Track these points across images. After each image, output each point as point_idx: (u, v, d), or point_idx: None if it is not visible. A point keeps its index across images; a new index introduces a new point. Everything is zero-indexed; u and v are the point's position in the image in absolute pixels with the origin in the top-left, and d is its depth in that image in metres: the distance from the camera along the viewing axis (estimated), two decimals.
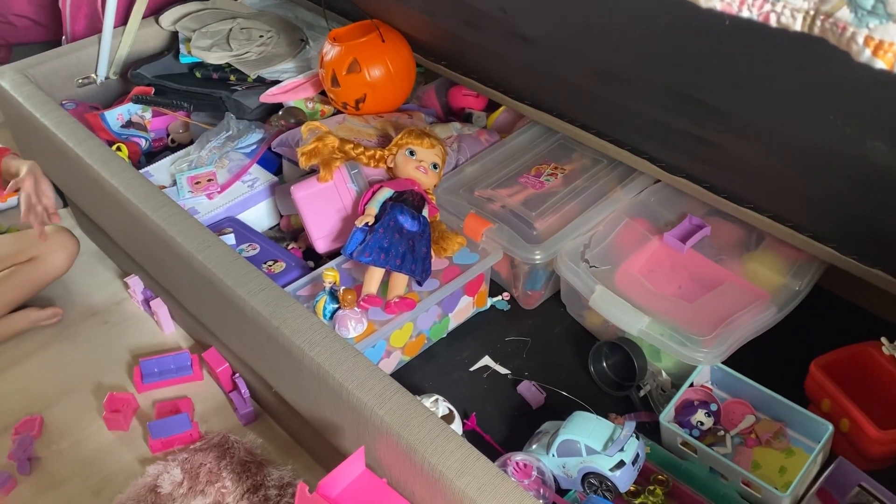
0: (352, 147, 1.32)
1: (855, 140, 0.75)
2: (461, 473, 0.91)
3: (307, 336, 1.08)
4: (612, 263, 1.28)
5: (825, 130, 0.77)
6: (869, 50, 0.64)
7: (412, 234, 1.24)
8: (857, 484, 1.06)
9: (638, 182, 1.41)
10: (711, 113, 0.91)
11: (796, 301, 1.21)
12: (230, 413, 1.46)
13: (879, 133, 0.72)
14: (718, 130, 0.96)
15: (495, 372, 1.31)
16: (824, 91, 0.73)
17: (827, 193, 0.94)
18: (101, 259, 1.82)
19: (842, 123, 0.74)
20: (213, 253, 1.21)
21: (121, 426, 1.43)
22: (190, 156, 1.53)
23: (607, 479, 1.01)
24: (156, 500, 1.30)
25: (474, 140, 1.52)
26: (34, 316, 1.60)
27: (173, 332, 1.62)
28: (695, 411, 1.13)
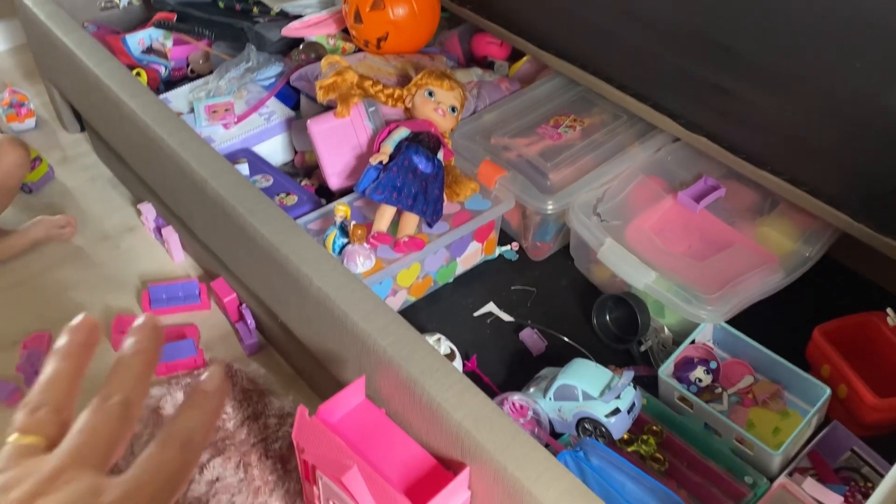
0: (370, 84, 1.31)
1: (881, 88, 0.74)
2: (459, 406, 0.92)
3: (315, 266, 1.09)
4: (623, 219, 1.28)
5: (852, 78, 0.76)
6: None
7: (426, 175, 1.24)
8: (850, 448, 1.07)
9: (656, 140, 1.40)
10: (738, 60, 0.90)
11: (805, 267, 1.21)
12: (235, 343, 1.48)
13: None
14: (743, 79, 0.94)
15: (498, 318, 1.32)
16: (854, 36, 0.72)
17: (847, 151, 0.93)
18: (116, 185, 1.83)
19: (868, 70, 0.73)
20: (227, 180, 1.21)
21: None
22: (208, 85, 1.52)
23: (602, 425, 1.02)
24: (158, 421, 1.33)
25: (495, 87, 1.51)
26: (48, 223, 1.61)
27: (183, 261, 1.63)
28: (694, 368, 1.14)
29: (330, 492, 0.96)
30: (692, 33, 0.94)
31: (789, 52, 0.83)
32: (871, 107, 0.80)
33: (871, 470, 1.05)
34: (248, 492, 1.23)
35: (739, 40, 0.88)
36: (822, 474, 1.05)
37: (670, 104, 1.21)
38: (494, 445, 0.88)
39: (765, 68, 0.89)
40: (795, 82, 0.87)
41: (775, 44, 0.83)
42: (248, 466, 1.26)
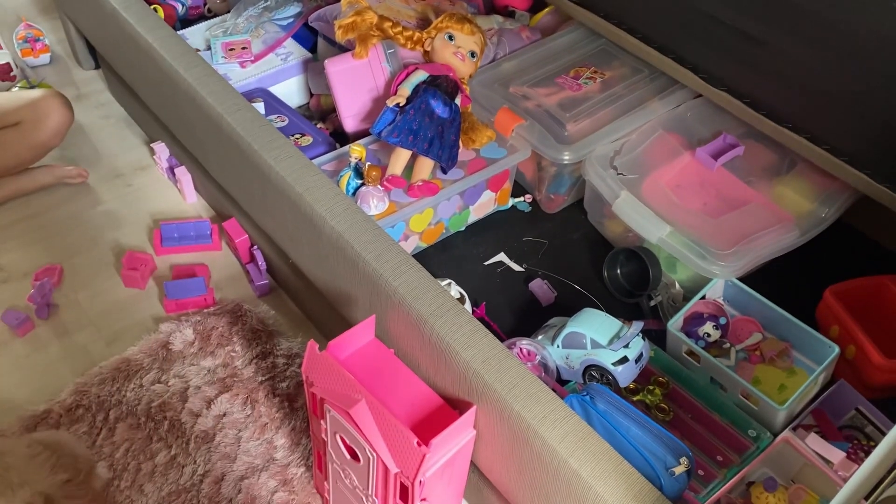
0: (390, 25, 1.29)
1: None
2: (467, 346, 0.93)
3: (329, 206, 1.08)
4: (640, 173, 1.27)
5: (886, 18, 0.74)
6: None
7: (442, 120, 1.23)
8: (855, 407, 1.07)
9: (676, 96, 1.38)
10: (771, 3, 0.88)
11: (820, 227, 1.20)
12: (245, 284, 1.49)
13: None
14: (771, 24, 0.92)
15: (509, 268, 1.31)
16: None
17: (872, 105, 0.91)
18: (130, 124, 1.82)
19: None
20: (243, 117, 1.21)
21: (137, 284, 1.46)
22: (226, 22, 1.51)
23: (608, 373, 1.02)
24: (167, 356, 1.35)
25: (515, 35, 1.49)
26: (58, 172, 1.62)
27: (195, 202, 1.63)
28: (703, 323, 1.14)
29: (337, 425, 0.97)
30: None
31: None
32: None
33: (874, 429, 1.06)
34: (255, 427, 1.24)
35: None
36: (825, 431, 1.05)
37: (693, 57, 1.19)
38: (501, 385, 0.89)
39: (798, 9, 0.86)
40: (826, 24, 0.85)
41: None
42: (255, 403, 1.28)
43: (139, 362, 1.33)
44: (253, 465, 1.20)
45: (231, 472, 1.19)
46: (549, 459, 0.85)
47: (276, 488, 1.17)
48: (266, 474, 1.19)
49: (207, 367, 1.33)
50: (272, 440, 1.23)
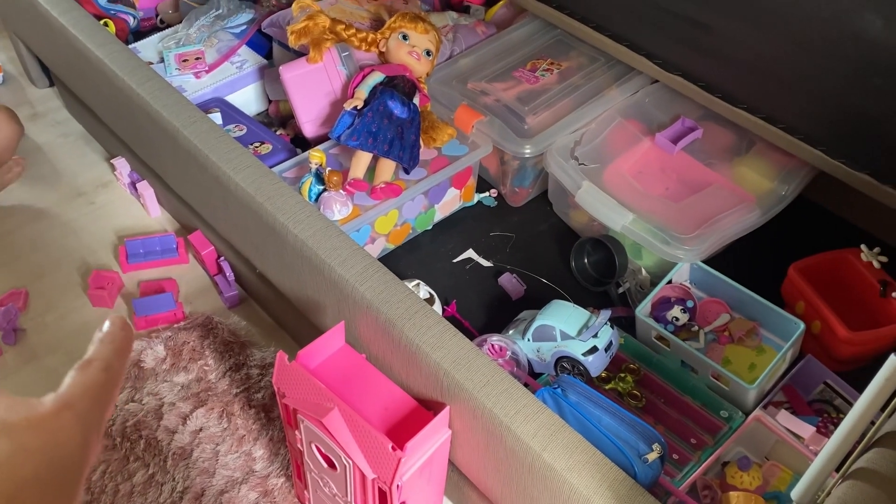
0: (343, 28, 1.28)
1: (852, 12, 0.73)
2: (437, 347, 0.93)
3: (291, 214, 1.08)
4: (601, 162, 1.28)
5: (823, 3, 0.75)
6: None
7: (401, 120, 1.23)
8: (823, 381, 1.09)
9: (634, 82, 1.38)
10: None
11: (781, 206, 1.22)
12: (215, 296, 1.47)
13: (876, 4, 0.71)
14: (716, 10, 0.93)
15: (478, 264, 1.32)
16: None
17: (821, 83, 0.93)
18: (89, 141, 1.79)
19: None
20: (199, 129, 1.19)
21: (105, 303, 1.44)
22: (178, 33, 1.49)
23: (579, 364, 1.03)
24: (139, 374, 1.33)
25: (470, 31, 1.48)
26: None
27: (159, 215, 1.61)
28: (671, 307, 1.15)
29: (312, 435, 0.96)
30: None
31: None
32: (845, 32, 0.79)
33: (843, 402, 1.08)
34: (233, 440, 1.24)
35: None
36: (795, 407, 1.07)
37: (647, 44, 1.19)
38: (473, 384, 0.89)
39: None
40: (770, 11, 0.86)
41: None
42: (231, 416, 1.27)
43: None
44: (232, 479, 1.19)
45: (211, 486, 1.18)
46: (524, 455, 0.85)
47: (257, 500, 1.17)
48: (246, 487, 1.18)
49: (181, 383, 1.32)
50: (250, 452, 1.22)
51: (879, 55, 0.77)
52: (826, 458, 0.82)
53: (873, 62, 0.80)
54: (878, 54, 0.78)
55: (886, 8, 0.71)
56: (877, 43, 0.75)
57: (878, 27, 0.72)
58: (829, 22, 0.79)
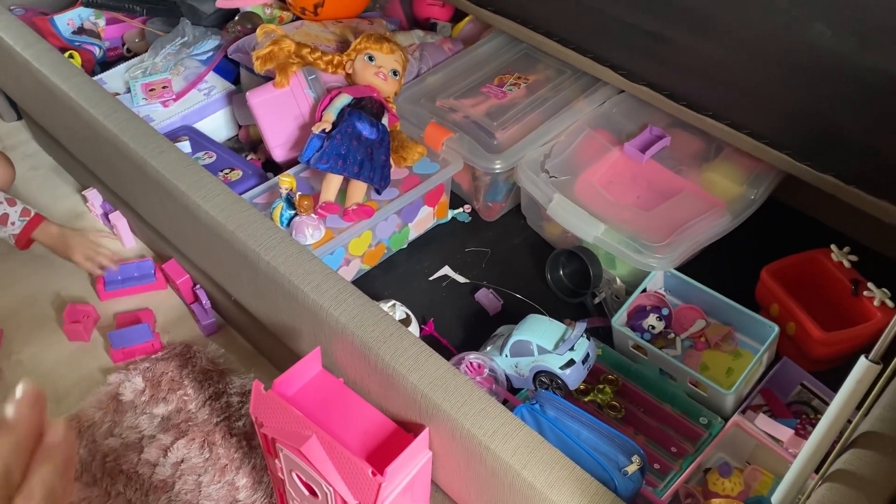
0: (309, 52, 1.28)
1: (801, 24, 0.74)
2: (413, 369, 0.92)
3: (263, 240, 1.07)
4: (571, 173, 1.28)
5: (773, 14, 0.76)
6: None
7: (371, 141, 1.23)
8: (800, 383, 1.10)
9: (601, 93, 1.39)
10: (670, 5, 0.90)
11: (751, 210, 1.23)
12: (192, 324, 1.46)
13: (823, 16, 0.72)
14: (674, 24, 0.94)
15: (454, 281, 1.32)
16: None
17: (780, 91, 0.94)
18: (60, 173, 1.78)
19: (788, 5, 0.74)
20: (167, 158, 1.19)
21: (81, 337, 1.43)
22: (144, 62, 1.48)
23: (557, 378, 1.03)
24: (118, 408, 1.32)
25: (437, 48, 1.49)
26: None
27: (133, 245, 1.60)
28: (646, 316, 1.15)
29: (292, 463, 0.96)
30: None
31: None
32: (797, 44, 0.80)
33: (820, 402, 1.08)
34: (215, 470, 1.22)
35: None
36: (774, 409, 1.08)
37: (611, 56, 1.21)
38: (450, 405, 0.89)
39: (695, 12, 0.89)
40: (725, 24, 0.88)
41: None
42: (212, 446, 1.26)
43: (90, 417, 1.30)
44: None
45: None
46: (504, 474, 0.85)
47: None
48: None
49: (161, 415, 1.31)
50: (233, 481, 1.21)
51: (831, 64, 0.79)
52: (803, 461, 0.83)
53: (826, 70, 0.81)
54: (829, 63, 0.79)
55: (834, 20, 0.72)
56: (827, 52, 0.77)
57: (828, 37, 0.73)
58: (781, 33, 0.80)
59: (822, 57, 0.78)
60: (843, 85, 0.82)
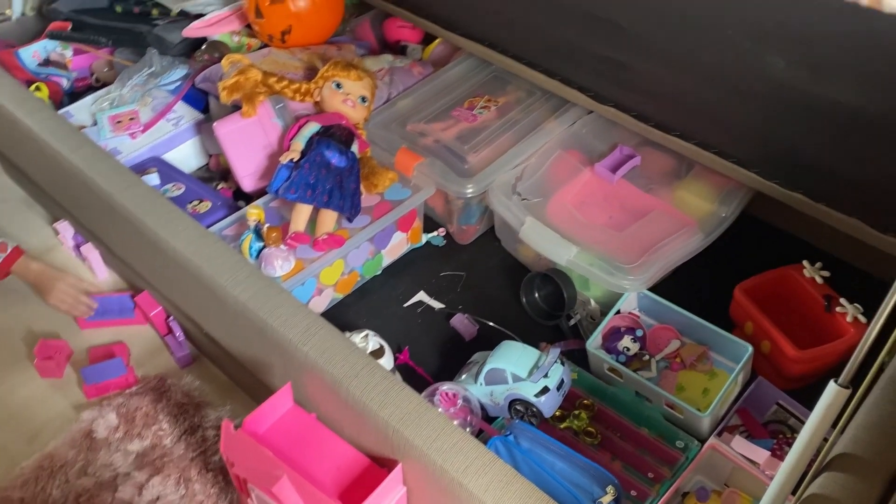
0: (275, 80, 1.28)
1: (754, 55, 0.75)
2: (384, 405, 0.91)
3: (231, 274, 1.06)
4: (543, 195, 1.28)
5: (727, 46, 0.77)
6: None
7: (340, 169, 1.22)
8: (776, 402, 1.09)
9: (571, 114, 1.39)
10: (627, 36, 0.90)
11: (723, 227, 1.23)
12: (167, 356, 1.44)
13: (776, 49, 0.72)
14: (633, 52, 0.95)
15: (429, 306, 1.31)
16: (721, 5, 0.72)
17: (742, 115, 0.94)
18: (31, 205, 1.75)
19: (740, 38, 0.74)
20: (134, 193, 1.18)
21: (54, 373, 1.41)
22: (111, 94, 1.47)
23: (532, 405, 1.02)
24: (91, 445, 1.30)
25: (407, 73, 1.49)
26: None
27: (106, 277, 1.58)
28: (621, 337, 1.15)
29: (264, 503, 0.94)
30: (584, 12, 0.94)
31: (669, 24, 0.83)
32: (753, 74, 0.81)
33: (797, 421, 1.08)
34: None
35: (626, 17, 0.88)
36: (751, 430, 1.07)
37: (578, 78, 1.21)
38: (422, 440, 0.88)
39: (651, 41, 0.89)
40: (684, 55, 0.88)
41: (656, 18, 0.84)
42: (188, 482, 1.24)
43: (63, 456, 1.28)
44: None
45: None
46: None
47: None
48: None
49: (135, 451, 1.29)
50: None
51: (785, 92, 0.79)
52: (779, 485, 0.82)
53: (782, 98, 0.81)
54: (784, 92, 0.79)
55: (785, 53, 0.72)
56: (781, 82, 0.77)
57: (781, 68, 0.74)
58: (738, 64, 0.81)
59: (777, 86, 0.79)
60: (799, 111, 0.82)
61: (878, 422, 0.85)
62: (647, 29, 0.88)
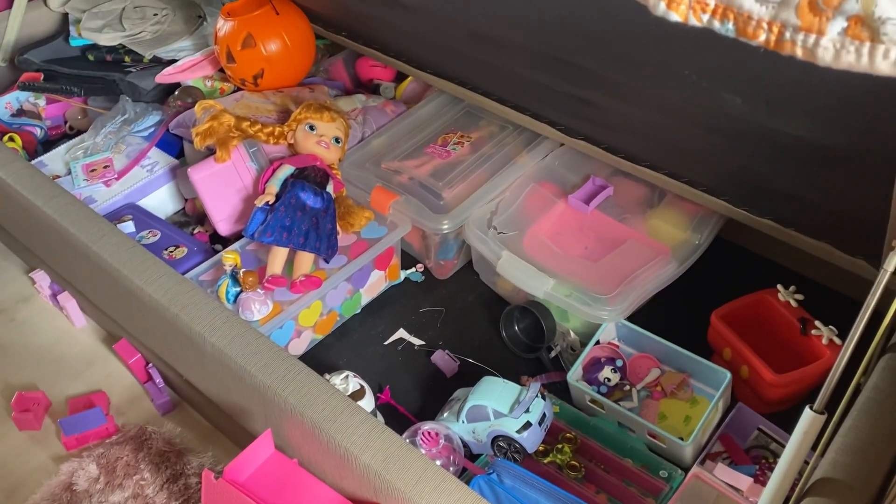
0: (249, 125, 1.28)
1: (712, 94, 0.76)
2: (365, 448, 0.91)
3: (208, 321, 1.06)
4: (519, 228, 1.29)
5: (685, 86, 0.79)
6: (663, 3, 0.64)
7: (315, 210, 1.23)
8: (756, 427, 1.10)
9: (543, 147, 1.41)
10: (586, 74, 0.92)
11: (697, 254, 1.24)
12: (147, 404, 1.43)
13: (731, 86, 0.74)
14: (596, 91, 0.97)
15: (410, 343, 1.31)
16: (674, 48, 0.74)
17: (707, 147, 0.96)
18: (6, 255, 1.74)
19: (697, 78, 0.76)
20: (109, 242, 1.17)
21: (32, 426, 1.38)
22: (85, 142, 1.47)
23: (515, 441, 1.02)
24: (71, 498, 1.27)
25: (380, 112, 1.50)
26: None
27: (84, 325, 1.57)
28: (601, 368, 1.15)
29: None
30: (541, 53, 0.96)
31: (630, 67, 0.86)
32: (712, 110, 0.82)
33: (778, 445, 1.08)
34: None
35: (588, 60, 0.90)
36: (733, 456, 1.07)
37: (547, 113, 1.22)
38: (405, 483, 0.88)
39: (613, 82, 0.91)
40: (644, 93, 0.90)
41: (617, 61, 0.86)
42: None
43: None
44: None
45: None
46: None
47: None
48: None
49: (117, 502, 1.27)
50: None
51: (745, 127, 0.81)
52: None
53: (742, 132, 0.83)
54: (743, 126, 0.81)
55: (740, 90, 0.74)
56: (740, 117, 0.79)
57: (738, 105, 0.76)
58: (697, 101, 0.83)
59: (736, 121, 0.80)
60: (761, 143, 0.84)
61: (857, 445, 0.86)
62: (610, 71, 0.90)
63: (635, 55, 0.81)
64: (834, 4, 0.58)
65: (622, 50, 0.82)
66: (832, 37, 0.58)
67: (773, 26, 0.61)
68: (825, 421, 0.80)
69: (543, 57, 0.97)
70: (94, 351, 1.51)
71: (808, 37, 0.59)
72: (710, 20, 0.63)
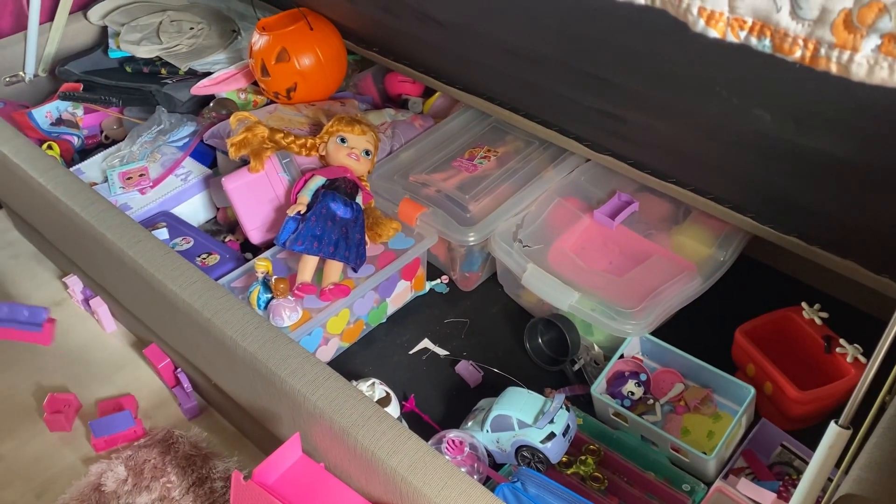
0: (282, 136, 1.32)
1: (742, 110, 0.78)
2: (393, 453, 0.92)
3: (239, 327, 1.08)
4: (544, 242, 1.31)
5: (716, 102, 0.80)
6: (702, 20, 0.66)
7: (345, 221, 1.25)
8: (780, 444, 1.10)
9: (569, 162, 1.43)
10: (617, 90, 0.94)
11: (721, 271, 1.25)
12: (175, 408, 1.45)
13: (761, 102, 0.75)
14: (626, 107, 0.98)
15: (434, 353, 1.32)
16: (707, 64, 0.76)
17: (735, 164, 0.97)
18: (41, 260, 1.79)
19: (728, 94, 0.77)
20: (145, 248, 1.20)
21: (63, 427, 1.42)
22: (121, 151, 1.51)
23: (539, 452, 1.03)
24: (100, 499, 1.30)
25: (408, 126, 1.53)
26: None
27: (115, 330, 1.60)
28: (625, 382, 1.16)
29: None
30: (572, 69, 0.98)
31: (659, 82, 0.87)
32: (740, 126, 0.84)
33: (801, 462, 1.09)
34: None
35: (617, 76, 0.92)
36: (756, 472, 1.08)
37: (575, 129, 1.24)
38: (430, 488, 0.89)
39: (641, 96, 0.93)
40: (673, 109, 0.91)
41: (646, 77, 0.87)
42: None
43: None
44: None
45: None
46: None
47: None
48: None
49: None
50: None
51: (774, 143, 0.82)
52: None
53: (770, 148, 0.84)
54: (772, 142, 0.82)
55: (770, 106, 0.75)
56: (769, 133, 0.80)
57: (767, 121, 0.77)
58: (726, 117, 0.84)
59: (765, 137, 0.82)
60: (789, 160, 0.85)
61: (882, 461, 0.86)
62: (639, 86, 0.92)
63: (667, 71, 0.83)
64: (868, 22, 0.59)
65: (654, 66, 0.84)
66: (866, 53, 0.60)
67: (809, 43, 0.63)
68: (850, 437, 0.80)
69: (576, 72, 0.99)
70: (123, 355, 1.55)
71: (842, 53, 0.61)
72: (747, 37, 0.65)
